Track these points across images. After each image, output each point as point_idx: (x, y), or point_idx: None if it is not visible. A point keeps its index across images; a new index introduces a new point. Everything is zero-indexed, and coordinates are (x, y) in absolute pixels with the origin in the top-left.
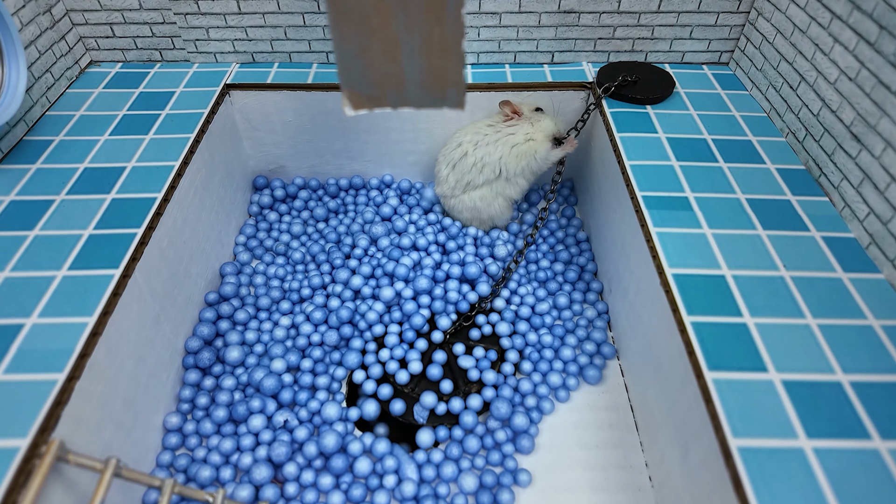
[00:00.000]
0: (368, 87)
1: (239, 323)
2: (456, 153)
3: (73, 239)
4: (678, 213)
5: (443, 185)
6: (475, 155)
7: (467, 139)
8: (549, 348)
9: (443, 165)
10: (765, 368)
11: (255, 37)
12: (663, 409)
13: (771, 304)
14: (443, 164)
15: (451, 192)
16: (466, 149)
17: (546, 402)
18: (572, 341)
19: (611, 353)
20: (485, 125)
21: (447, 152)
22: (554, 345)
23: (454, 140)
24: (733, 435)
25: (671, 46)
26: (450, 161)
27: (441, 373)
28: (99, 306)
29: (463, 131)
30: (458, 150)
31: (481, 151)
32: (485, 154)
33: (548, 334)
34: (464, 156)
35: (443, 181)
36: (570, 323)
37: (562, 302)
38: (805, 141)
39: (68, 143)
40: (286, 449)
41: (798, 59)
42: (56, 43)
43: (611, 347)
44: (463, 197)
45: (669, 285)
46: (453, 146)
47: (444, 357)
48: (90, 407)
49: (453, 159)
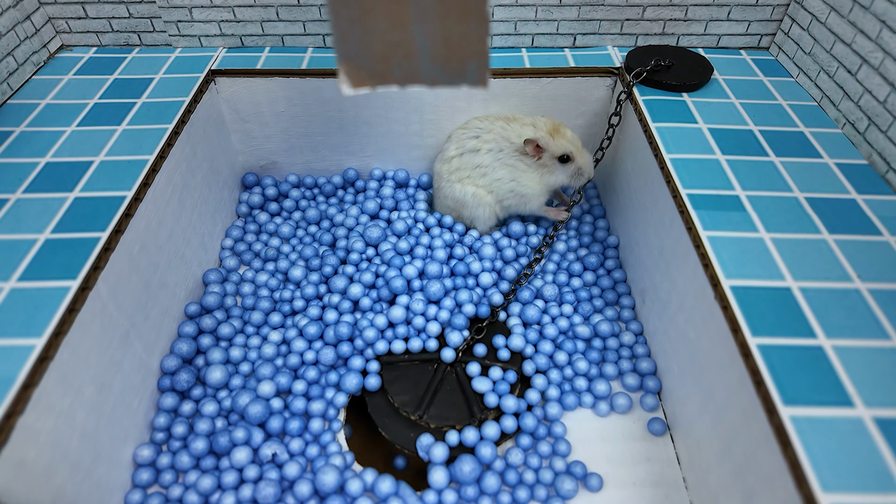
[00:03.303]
0: (370, 59)
1: (223, 338)
2: (470, 143)
3: (25, 245)
4: (730, 213)
5: (444, 163)
6: (485, 158)
7: (488, 136)
8: (582, 376)
9: (452, 145)
10: (851, 403)
11: (244, 18)
12: (716, 446)
13: (849, 323)
14: (453, 145)
15: (448, 176)
16: (481, 146)
17: None
18: (611, 370)
19: (656, 386)
20: (513, 133)
21: (462, 137)
22: (590, 372)
23: (474, 125)
24: (823, 489)
25: (706, 29)
26: (461, 146)
27: (452, 398)
28: (50, 325)
29: (489, 121)
30: (473, 140)
31: (491, 158)
32: (492, 163)
33: (581, 359)
34: (475, 151)
35: (446, 160)
36: (612, 352)
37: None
38: (867, 132)
39: (29, 134)
40: (274, 489)
41: (859, 39)
42: (20, 23)
43: (656, 381)
44: (455, 185)
45: (727, 300)
46: (471, 134)
47: (456, 379)
48: (36, 447)
49: (465, 147)
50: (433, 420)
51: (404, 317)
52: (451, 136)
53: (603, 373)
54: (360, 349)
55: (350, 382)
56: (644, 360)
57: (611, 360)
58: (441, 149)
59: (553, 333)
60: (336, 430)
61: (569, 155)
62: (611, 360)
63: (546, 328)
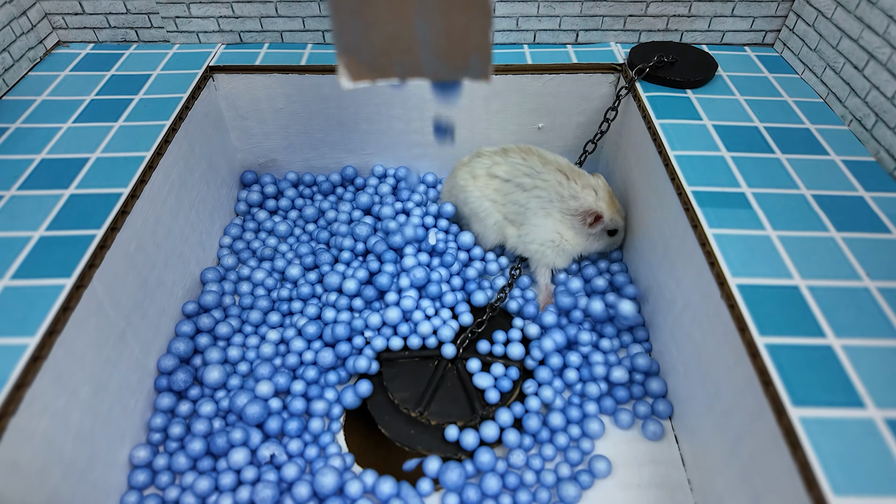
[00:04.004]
0: (370, 52)
1: (221, 338)
2: (524, 180)
3: (19, 242)
4: (736, 211)
5: (477, 167)
6: (532, 202)
7: (543, 184)
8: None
9: (502, 167)
10: (861, 404)
11: (243, 13)
12: (722, 447)
13: (858, 322)
14: (503, 167)
15: (472, 182)
16: (533, 188)
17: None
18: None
19: (660, 389)
20: (569, 192)
21: (517, 166)
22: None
23: (533, 162)
24: (835, 493)
25: (710, 25)
26: (512, 175)
27: (452, 394)
28: (43, 324)
29: (548, 169)
30: (527, 179)
31: (537, 205)
32: (537, 210)
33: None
34: (523, 189)
35: (478, 172)
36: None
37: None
38: (875, 129)
39: (25, 131)
40: (273, 491)
41: (866, 35)
42: (16, 19)
43: (660, 383)
44: (475, 192)
45: (734, 298)
46: (525, 170)
47: (456, 375)
48: (30, 448)
49: (516, 180)
50: (434, 417)
51: (400, 316)
52: (505, 151)
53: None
54: (359, 348)
55: (347, 398)
56: (655, 381)
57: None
58: (478, 149)
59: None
60: (335, 431)
61: (619, 229)
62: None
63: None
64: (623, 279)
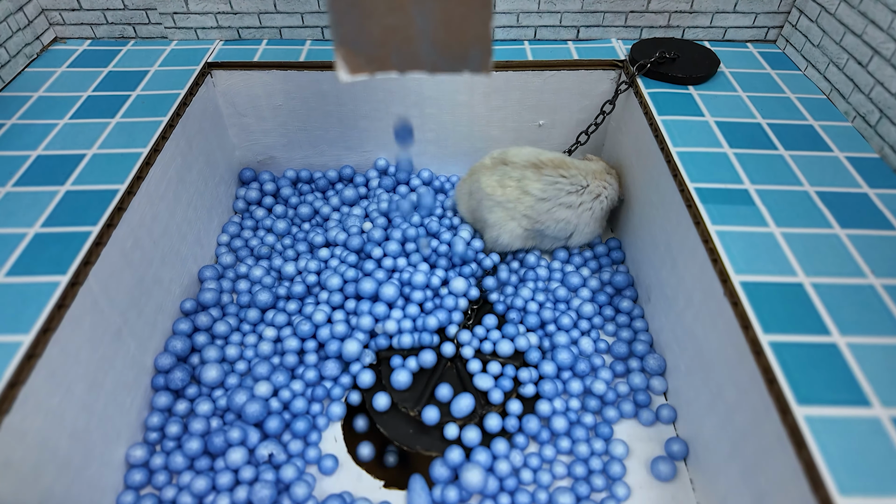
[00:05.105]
0: (368, 44)
1: (218, 336)
2: (567, 198)
3: (14, 239)
4: (738, 208)
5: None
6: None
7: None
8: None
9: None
10: (867, 402)
11: (241, 9)
12: (725, 447)
13: (863, 320)
14: (536, 184)
15: (501, 190)
16: (574, 203)
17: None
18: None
19: (662, 387)
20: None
21: (558, 186)
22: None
23: (575, 177)
24: (840, 492)
25: (712, 21)
26: (549, 194)
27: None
28: (38, 322)
29: (588, 172)
30: (571, 196)
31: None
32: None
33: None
34: (565, 207)
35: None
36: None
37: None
38: (879, 125)
39: (20, 127)
40: (270, 491)
41: (870, 30)
42: (12, 14)
43: (661, 381)
44: (492, 182)
45: (738, 296)
46: (567, 187)
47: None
48: (23, 447)
49: (551, 193)
50: None
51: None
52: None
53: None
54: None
55: (335, 411)
56: (657, 379)
57: (617, 357)
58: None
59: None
60: (335, 432)
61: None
62: (617, 359)
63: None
64: (623, 279)
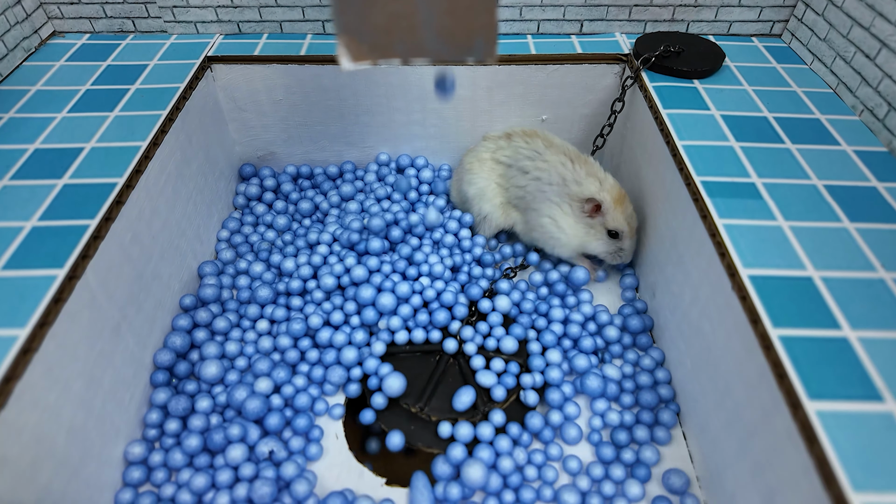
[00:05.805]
0: (371, 32)
1: (218, 332)
2: (525, 163)
3: (11, 232)
4: (746, 201)
5: (482, 151)
6: (530, 184)
7: (544, 164)
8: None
9: (505, 151)
10: (880, 397)
11: (241, 3)
12: (733, 443)
13: (874, 314)
14: (506, 151)
15: (477, 165)
16: (532, 170)
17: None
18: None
19: (669, 394)
20: (573, 177)
21: (520, 150)
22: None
23: (537, 145)
24: (854, 488)
25: (717, 15)
26: (514, 158)
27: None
28: (34, 316)
29: (553, 150)
30: (528, 162)
31: (535, 187)
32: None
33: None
34: (524, 172)
35: (483, 156)
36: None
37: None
38: (887, 118)
39: (18, 121)
40: (271, 489)
41: (878, 22)
42: (10, 7)
43: (668, 389)
44: (483, 173)
45: (746, 290)
46: (528, 153)
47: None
48: (19, 443)
49: (518, 163)
50: (434, 412)
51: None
52: (509, 136)
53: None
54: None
55: (336, 408)
56: (664, 388)
57: (618, 353)
58: (489, 132)
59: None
60: (331, 420)
61: (620, 233)
62: (618, 355)
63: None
64: (630, 280)
